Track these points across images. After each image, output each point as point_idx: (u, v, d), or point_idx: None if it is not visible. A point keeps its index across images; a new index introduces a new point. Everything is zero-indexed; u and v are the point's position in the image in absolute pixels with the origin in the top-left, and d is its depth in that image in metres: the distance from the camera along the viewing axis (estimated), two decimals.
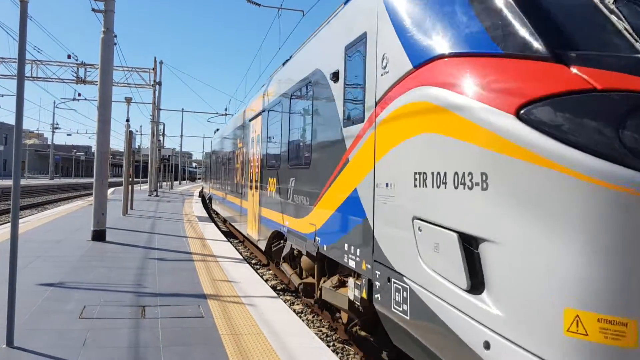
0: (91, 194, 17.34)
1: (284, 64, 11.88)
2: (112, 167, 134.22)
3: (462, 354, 4.20)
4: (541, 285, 3.57)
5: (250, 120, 15.60)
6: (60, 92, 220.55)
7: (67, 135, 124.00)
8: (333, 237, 7.31)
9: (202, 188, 50.56)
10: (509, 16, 4.22)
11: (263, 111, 13.37)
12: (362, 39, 6.34)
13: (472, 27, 4.49)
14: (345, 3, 7.34)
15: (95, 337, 6.02)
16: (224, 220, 25.47)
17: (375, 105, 5.81)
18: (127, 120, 27.25)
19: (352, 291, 6.60)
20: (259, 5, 17.79)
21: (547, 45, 3.92)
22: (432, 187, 4.58)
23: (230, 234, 21.94)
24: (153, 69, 38.35)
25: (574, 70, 3.75)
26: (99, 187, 14.14)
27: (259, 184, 13.53)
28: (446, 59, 4.58)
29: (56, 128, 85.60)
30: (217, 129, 33.74)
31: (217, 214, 28.88)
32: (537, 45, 3.96)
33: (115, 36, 14.79)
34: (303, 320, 9.16)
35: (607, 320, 3.33)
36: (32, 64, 35.36)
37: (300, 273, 9.81)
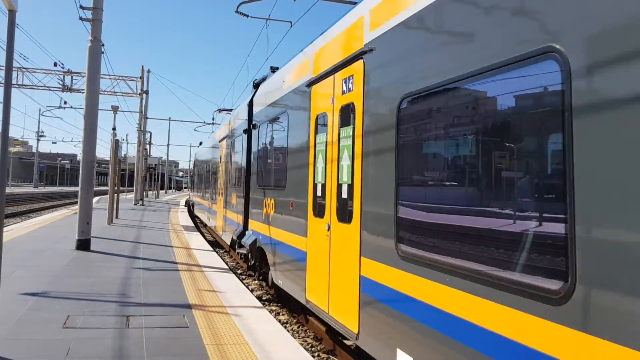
0: (76, 202, 17.22)
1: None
2: (98, 175, 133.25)
3: None
4: None
5: None
6: (45, 99, 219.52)
7: (53, 143, 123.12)
8: None
9: (190, 199, 45.12)
10: None
11: None
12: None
13: None
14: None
15: (79, 347, 5.99)
16: None
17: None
18: (114, 129, 27.16)
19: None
20: (247, 16, 17.88)
21: None
22: None
23: (217, 244, 21.84)
24: (140, 78, 38.26)
25: None
26: (84, 195, 14.06)
27: None
28: None
29: (41, 136, 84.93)
30: None
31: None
32: None
33: (103, 45, 14.79)
34: (288, 331, 9.18)
35: None
36: (17, 72, 35.08)
37: None
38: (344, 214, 6.27)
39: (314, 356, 8.12)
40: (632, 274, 2.58)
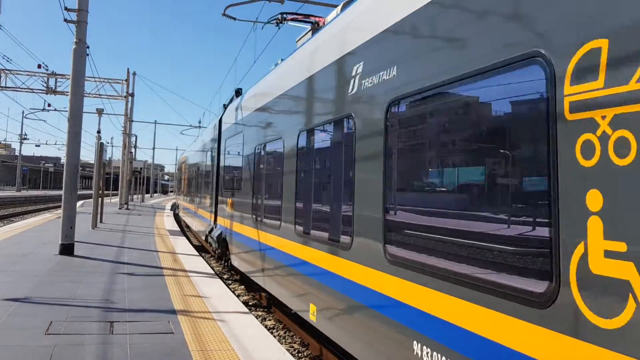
0: (60, 206, 17.02)
1: None
2: (82, 179, 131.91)
3: None
4: None
5: None
6: (29, 102, 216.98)
7: (36, 146, 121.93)
8: None
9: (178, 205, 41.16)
10: None
11: None
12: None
13: None
14: None
15: (61, 354, 5.90)
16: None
17: None
18: (99, 132, 26.96)
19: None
20: (234, 19, 17.83)
21: None
22: None
23: (203, 249, 21.70)
24: (126, 80, 37.97)
25: None
26: (68, 199, 13.90)
27: None
28: None
29: (24, 139, 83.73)
30: None
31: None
32: None
33: (88, 47, 14.65)
34: (275, 336, 9.13)
35: None
36: (0, 73, 34.63)
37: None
38: None
39: None
40: None
